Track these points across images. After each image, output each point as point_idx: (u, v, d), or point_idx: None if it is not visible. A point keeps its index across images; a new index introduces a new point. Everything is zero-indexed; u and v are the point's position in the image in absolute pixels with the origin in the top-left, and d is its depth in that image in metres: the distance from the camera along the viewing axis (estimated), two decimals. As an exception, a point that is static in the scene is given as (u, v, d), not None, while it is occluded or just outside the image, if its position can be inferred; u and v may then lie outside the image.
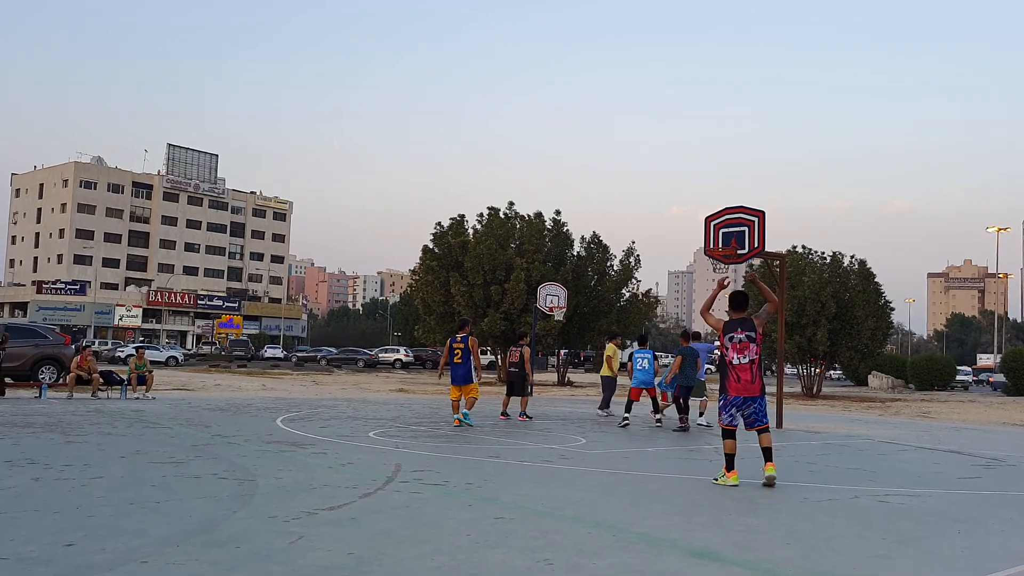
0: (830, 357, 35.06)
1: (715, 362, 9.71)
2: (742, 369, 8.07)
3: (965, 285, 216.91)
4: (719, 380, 8.39)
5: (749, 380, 8.05)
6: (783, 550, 5.32)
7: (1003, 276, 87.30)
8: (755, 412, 8.07)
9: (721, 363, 8.29)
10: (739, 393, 8.06)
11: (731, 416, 8.13)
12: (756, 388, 8.06)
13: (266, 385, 27.03)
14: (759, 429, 8.06)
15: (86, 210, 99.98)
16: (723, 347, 8.21)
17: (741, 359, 8.10)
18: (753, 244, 15.39)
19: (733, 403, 8.11)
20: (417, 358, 59.59)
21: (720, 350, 8.28)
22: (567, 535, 5.52)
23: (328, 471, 8.15)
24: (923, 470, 9.87)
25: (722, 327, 8.33)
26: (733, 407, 8.11)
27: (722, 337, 8.23)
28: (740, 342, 8.12)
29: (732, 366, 8.11)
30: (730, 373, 8.11)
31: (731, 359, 8.13)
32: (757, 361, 8.12)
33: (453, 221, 37.59)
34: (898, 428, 16.94)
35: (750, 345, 8.12)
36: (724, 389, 8.21)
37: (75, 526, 5.37)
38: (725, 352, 8.18)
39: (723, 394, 8.23)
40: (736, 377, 8.07)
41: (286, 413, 15.31)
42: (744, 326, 8.20)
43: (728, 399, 8.14)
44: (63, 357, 21.33)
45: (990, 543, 5.78)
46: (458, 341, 13.32)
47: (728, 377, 8.13)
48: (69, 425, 11.95)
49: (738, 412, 8.11)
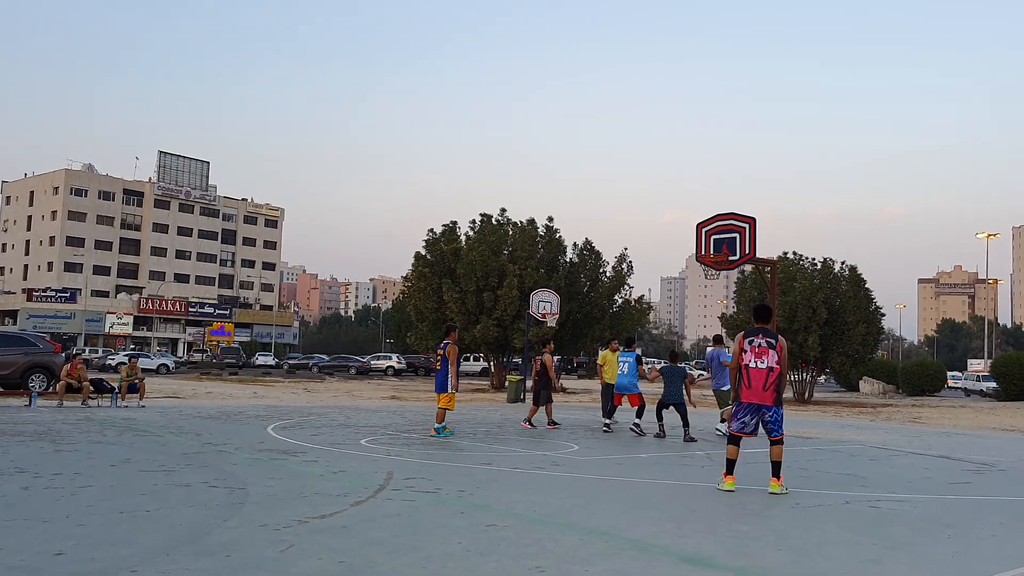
0: (821, 363, 35.17)
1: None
2: (756, 374, 8.00)
3: (955, 291, 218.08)
4: (734, 387, 8.33)
5: (761, 387, 7.97)
6: (775, 556, 5.33)
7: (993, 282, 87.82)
8: (772, 421, 7.99)
9: (737, 369, 8.22)
10: (751, 400, 8.00)
11: (743, 423, 8.04)
12: (769, 397, 7.97)
13: (257, 393, 26.94)
14: (774, 440, 7.99)
15: (77, 217, 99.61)
16: (742, 352, 8.15)
17: (759, 363, 8.03)
18: (744, 250, 15.47)
19: (747, 410, 8.03)
20: (410, 365, 59.48)
21: (739, 358, 8.19)
22: (559, 542, 5.52)
23: (319, 479, 8.12)
24: (914, 475, 9.90)
25: (743, 334, 8.29)
26: (747, 414, 8.03)
27: (742, 342, 8.19)
28: (759, 347, 8.09)
29: (747, 369, 8.06)
30: (743, 377, 8.07)
31: (748, 362, 8.08)
32: (777, 372, 8.03)
33: (446, 228, 37.60)
34: (889, 433, 16.98)
35: (769, 351, 8.07)
36: (737, 395, 8.18)
37: (65, 535, 5.35)
38: (743, 357, 8.13)
39: (736, 400, 8.20)
40: (748, 382, 8.03)
41: (277, 421, 15.26)
42: (765, 334, 8.19)
43: (741, 405, 8.08)
44: (53, 365, 21.21)
45: (981, 548, 5.80)
46: (440, 348, 13.32)
47: (741, 382, 8.10)
48: (59, 433, 11.89)
49: (752, 419, 8.02)
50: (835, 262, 35.40)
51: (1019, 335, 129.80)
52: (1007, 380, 42.65)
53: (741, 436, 8.07)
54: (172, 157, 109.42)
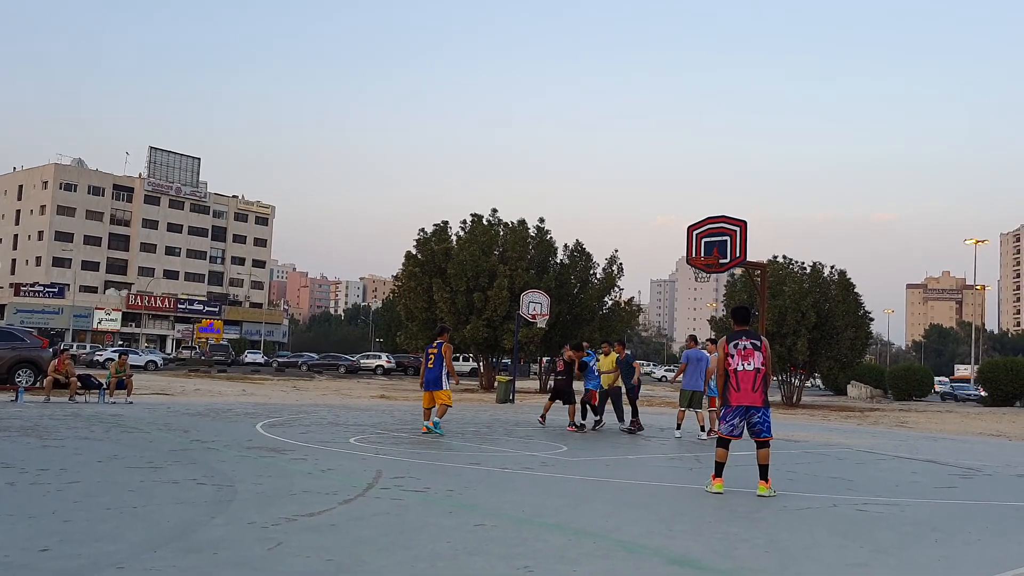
0: (810, 366, 35.28)
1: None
2: (745, 377, 8.01)
3: (943, 296, 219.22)
4: (720, 391, 8.27)
5: (750, 389, 7.98)
6: (763, 558, 5.34)
7: (980, 288, 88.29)
8: (760, 423, 7.99)
9: (724, 375, 8.15)
10: (740, 402, 8.00)
11: (732, 426, 8.02)
12: (759, 398, 7.97)
13: (246, 390, 26.85)
14: (761, 441, 7.99)
15: (66, 212, 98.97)
16: (727, 357, 8.12)
17: (745, 365, 8.04)
18: (735, 253, 15.52)
19: (736, 412, 8.01)
20: (399, 364, 59.39)
21: (724, 363, 8.15)
22: (548, 542, 5.52)
23: (308, 477, 8.10)
24: (901, 479, 9.94)
25: (726, 339, 8.26)
26: (736, 416, 8.02)
27: (727, 347, 8.16)
28: (745, 349, 8.10)
29: (735, 373, 8.05)
30: (731, 381, 8.05)
31: (735, 366, 8.07)
32: (763, 372, 8.05)
33: (436, 228, 37.56)
34: (876, 437, 17.06)
35: (755, 353, 8.08)
36: (725, 399, 8.12)
37: (51, 531, 5.31)
38: (729, 362, 8.10)
39: (725, 404, 8.14)
40: (736, 385, 8.02)
41: (266, 419, 15.21)
42: (749, 335, 8.20)
43: (730, 408, 8.05)
44: (40, 360, 21.09)
45: (967, 552, 5.83)
46: (433, 347, 13.33)
47: (729, 386, 8.06)
48: (46, 429, 11.82)
49: (741, 422, 8.01)
50: (824, 266, 35.52)
51: (1006, 341, 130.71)
52: (994, 386, 42.96)
53: (730, 439, 8.08)
54: (163, 153, 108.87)
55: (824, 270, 35.29)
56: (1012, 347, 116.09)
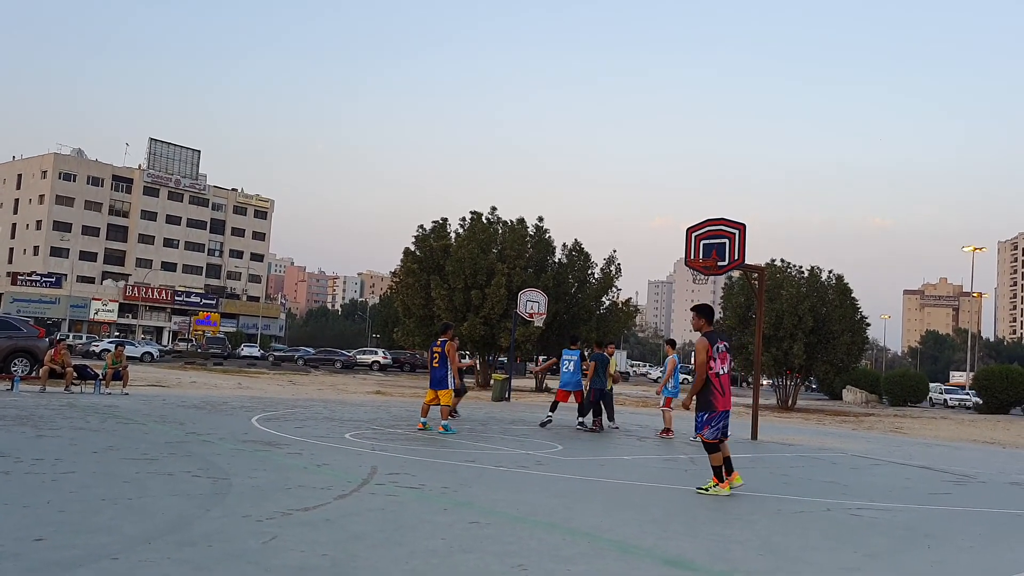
0: (806, 370, 35.32)
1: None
2: (725, 380, 8.13)
3: (940, 303, 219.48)
4: (701, 395, 8.11)
5: (730, 392, 8.20)
6: (756, 561, 5.35)
7: (977, 295, 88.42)
8: (728, 423, 8.18)
9: (706, 379, 8.05)
10: (726, 407, 8.06)
11: (717, 430, 8.01)
12: (730, 400, 8.22)
13: (242, 384, 26.83)
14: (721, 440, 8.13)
15: (64, 202, 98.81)
16: (710, 360, 8.05)
17: (724, 368, 8.16)
18: (733, 256, 15.51)
19: (722, 416, 8.03)
20: (395, 361, 59.37)
21: (706, 367, 8.03)
22: (542, 541, 5.52)
23: (303, 472, 8.10)
24: (895, 485, 9.97)
25: (707, 343, 8.13)
26: (722, 421, 8.03)
27: (710, 350, 8.07)
28: (721, 351, 8.18)
29: (718, 378, 8.06)
30: (715, 385, 8.02)
31: (716, 370, 8.08)
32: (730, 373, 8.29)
33: (435, 224, 37.54)
34: (871, 443, 17.09)
35: (727, 355, 8.26)
36: (710, 404, 8.01)
37: (45, 521, 5.31)
38: (712, 365, 8.04)
39: (710, 410, 8.02)
40: (721, 389, 8.04)
41: (262, 412, 15.21)
42: (721, 337, 8.31)
43: (716, 413, 8.02)
44: (36, 350, 21.07)
45: (960, 558, 5.85)
46: (437, 345, 13.35)
47: (713, 391, 8.01)
48: (41, 419, 11.81)
49: (726, 425, 8.07)
50: (822, 271, 35.59)
51: (1002, 348, 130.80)
52: (989, 393, 43.06)
53: (719, 442, 8.09)
54: (163, 145, 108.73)
55: (822, 274, 35.36)
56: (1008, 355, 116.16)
